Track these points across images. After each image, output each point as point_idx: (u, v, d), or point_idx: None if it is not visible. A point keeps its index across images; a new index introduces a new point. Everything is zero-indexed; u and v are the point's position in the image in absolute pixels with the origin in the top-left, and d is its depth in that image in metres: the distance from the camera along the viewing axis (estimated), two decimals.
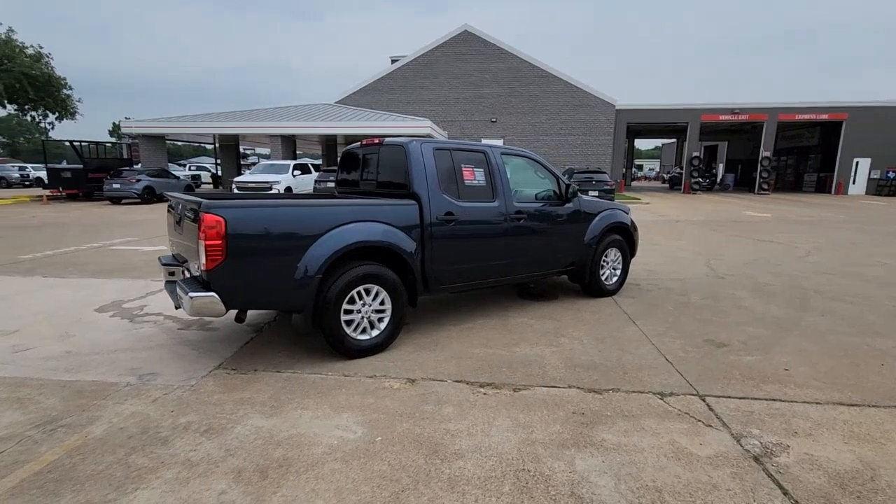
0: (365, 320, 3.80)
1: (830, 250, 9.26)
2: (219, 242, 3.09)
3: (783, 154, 35.34)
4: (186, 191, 20.87)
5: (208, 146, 34.14)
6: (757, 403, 3.11)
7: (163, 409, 2.97)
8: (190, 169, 35.54)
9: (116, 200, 18.85)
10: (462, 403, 3.09)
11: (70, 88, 20.38)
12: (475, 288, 4.70)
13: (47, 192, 19.89)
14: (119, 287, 5.98)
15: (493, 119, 29.21)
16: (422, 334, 4.40)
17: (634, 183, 51.64)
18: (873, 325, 4.70)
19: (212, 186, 31.29)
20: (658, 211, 18.21)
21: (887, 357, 3.90)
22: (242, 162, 33.90)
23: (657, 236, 11.24)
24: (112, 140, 26.31)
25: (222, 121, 23.24)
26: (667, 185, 41.00)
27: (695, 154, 29.75)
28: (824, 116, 29.11)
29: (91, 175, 19.54)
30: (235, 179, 18.01)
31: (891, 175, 29.11)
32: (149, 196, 18.72)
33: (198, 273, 3.33)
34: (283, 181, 17.63)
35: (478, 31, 28.72)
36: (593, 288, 5.60)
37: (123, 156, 23.82)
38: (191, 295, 3.12)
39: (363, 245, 3.64)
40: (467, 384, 3.38)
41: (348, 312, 3.70)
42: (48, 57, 19.75)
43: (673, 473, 2.38)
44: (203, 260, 3.10)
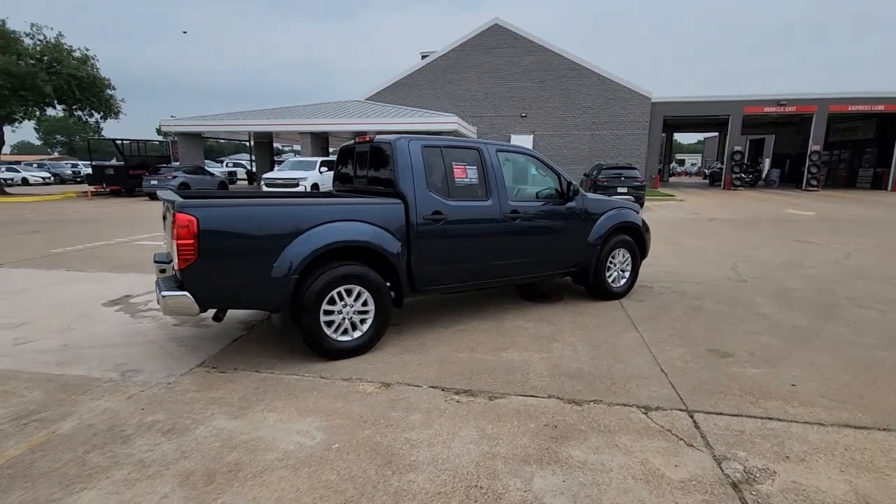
0: (347, 321, 3.74)
1: (875, 253, 8.60)
2: (191, 242, 3.09)
3: (836, 148, 33.26)
4: (220, 187, 21.53)
5: (247, 143, 35.15)
6: (750, 422, 2.87)
7: (134, 407, 3.00)
8: (227, 166, 36.71)
9: (154, 196, 19.62)
10: (431, 411, 2.99)
11: (113, 88, 21.36)
12: (468, 289, 4.58)
13: (91, 189, 20.94)
14: (132, 282, 6.17)
15: (524, 114, 28.74)
16: (411, 336, 4.31)
17: (673, 179, 49.85)
18: None
19: (247, 183, 32.20)
20: (692, 208, 17.47)
21: None
22: (278, 158, 34.70)
23: (684, 236, 10.76)
24: (160, 138, 27.38)
25: (255, 118, 23.80)
26: (707, 181, 39.39)
27: (736, 148, 28.37)
28: (880, 107, 27.12)
29: (132, 172, 20.42)
30: (264, 176, 18.41)
31: None
32: (183, 190, 19.37)
33: (174, 271, 3.35)
34: (310, 177, 17.87)
35: (508, 25, 28.28)
36: (599, 290, 5.36)
37: (168, 153, 24.85)
38: (163, 294, 3.14)
39: (342, 245, 3.58)
40: (442, 390, 3.27)
41: (329, 313, 3.65)
42: (94, 59, 20.74)
43: (637, 498, 2.20)
44: (175, 259, 3.11)
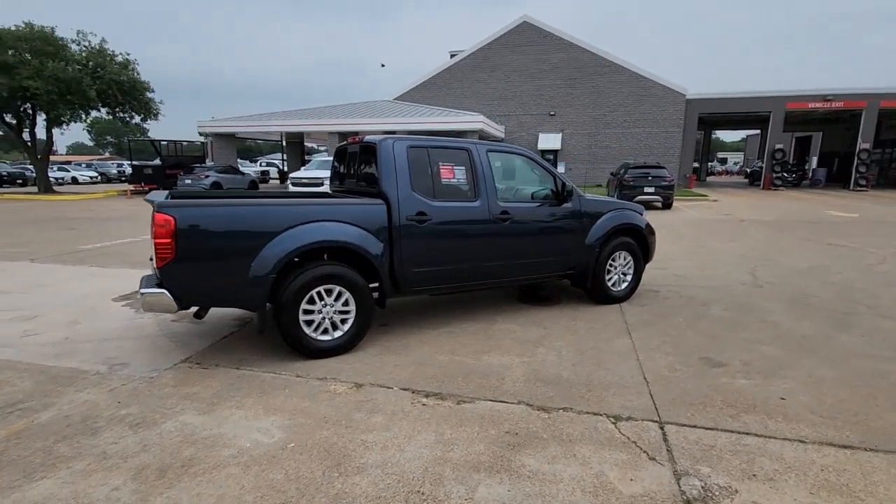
0: (327, 321, 3.77)
1: None
2: (168, 241, 3.18)
3: (888, 146, 31.30)
4: (251, 186, 22.17)
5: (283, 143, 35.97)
6: (724, 436, 2.73)
7: (112, 400, 3.11)
8: (261, 165, 37.78)
9: None
10: (395, 414, 2.97)
11: (152, 91, 22.31)
12: (456, 291, 4.54)
13: (131, 188, 21.96)
14: None
15: (552, 112, 28.33)
16: (396, 336, 4.31)
17: (712, 178, 48.06)
18: None
19: (279, 181, 33.02)
20: (724, 209, 16.80)
21: None
22: (308, 158, 35.42)
23: (709, 237, 10.35)
24: (201, 139, 28.40)
25: (285, 119, 24.39)
26: (747, 180, 37.77)
27: (778, 146, 27.10)
28: None
29: (168, 171, 21.28)
30: (291, 175, 18.83)
31: None
32: (215, 189, 20.06)
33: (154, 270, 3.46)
34: None
35: (537, 22, 27.93)
36: (597, 294, 5.22)
37: (205, 153, 25.78)
38: (141, 291, 3.25)
39: (319, 245, 3.61)
40: (412, 393, 3.25)
41: (309, 312, 3.68)
42: (134, 63, 21.73)
43: None
44: (154, 257, 3.21)
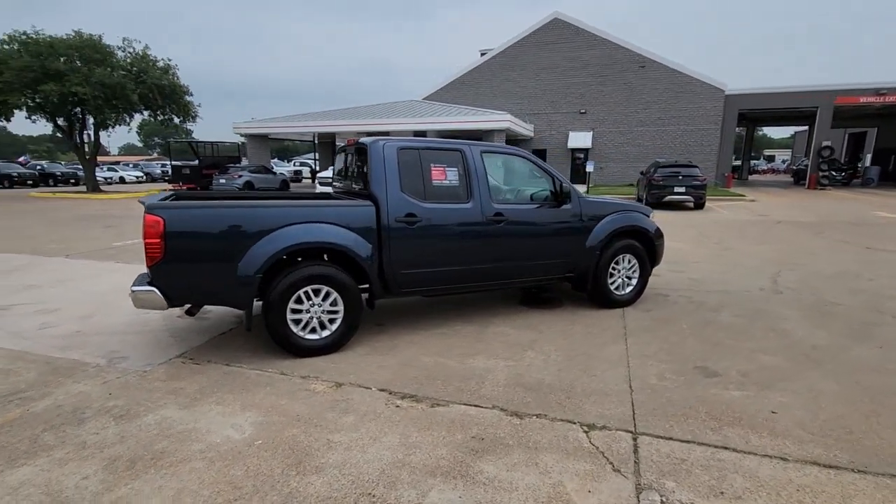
0: (315, 320, 3.83)
1: None
2: (157, 241, 3.31)
3: None
4: (282, 186, 22.79)
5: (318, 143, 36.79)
6: (700, 450, 2.61)
7: (103, 392, 3.27)
8: (294, 165, 38.74)
9: None
10: (366, 414, 2.99)
11: (191, 94, 23.27)
12: (448, 293, 4.53)
13: (170, 187, 22.93)
14: None
15: (583, 110, 27.80)
16: (388, 336, 4.34)
17: (756, 177, 46.06)
18: None
19: (311, 181, 33.76)
20: (761, 210, 16.06)
21: None
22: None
23: (737, 240, 9.93)
24: (241, 139, 29.36)
25: (315, 120, 24.92)
26: (792, 179, 35.95)
27: (825, 143, 25.68)
28: None
29: (205, 171, 22.12)
30: (318, 175, 19.24)
31: None
32: (248, 190, 20.71)
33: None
34: None
35: (568, 18, 27.46)
36: (599, 297, 5.09)
37: (240, 154, 26.68)
38: (133, 289, 3.40)
39: (304, 246, 3.67)
40: (389, 394, 3.27)
41: (297, 312, 3.75)
42: (175, 68, 22.68)
43: None
44: (145, 256, 3.35)
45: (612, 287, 5.12)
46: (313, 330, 3.85)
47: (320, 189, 17.11)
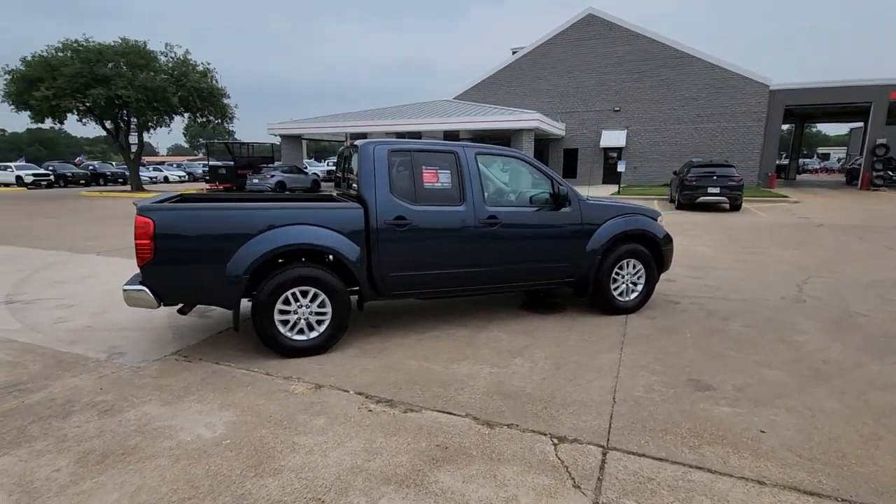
0: (303, 321, 3.88)
1: None
2: (147, 242, 3.43)
3: None
4: (313, 186, 23.26)
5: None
6: (671, 469, 2.48)
7: (96, 386, 3.41)
8: (327, 165, 39.53)
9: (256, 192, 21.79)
10: (337, 418, 3.00)
11: (228, 97, 24.09)
12: (440, 296, 4.48)
13: (208, 186, 23.83)
14: None
15: (617, 108, 27.10)
16: (380, 338, 4.34)
17: (805, 176, 43.67)
18: None
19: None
20: (803, 212, 15.22)
21: None
22: None
23: (770, 244, 9.44)
24: (276, 140, 30.23)
25: (346, 121, 25.31)
26: (845, 179, 33.88)
27: (880, 141, 24.08)
28: None
29: (240, 171, 22.84)
30: None
31: None
32: (280, 189, 21.26)
33: None
34: None
35: (602, 14, 26.83)
36: (601, 303, 4.93)
37: (273, 154, 27.43)
38: (124, 287, 3.53)
39: (292, 248, 3.71)
40: (365, 398, 3.27)
41: (285, 312, 3.81)
42: (213, 71, 23.55)
43: None
44: (136, 257, 3.47)
45: (616, 293, 4.95)
46: (301, 331, 3.89)
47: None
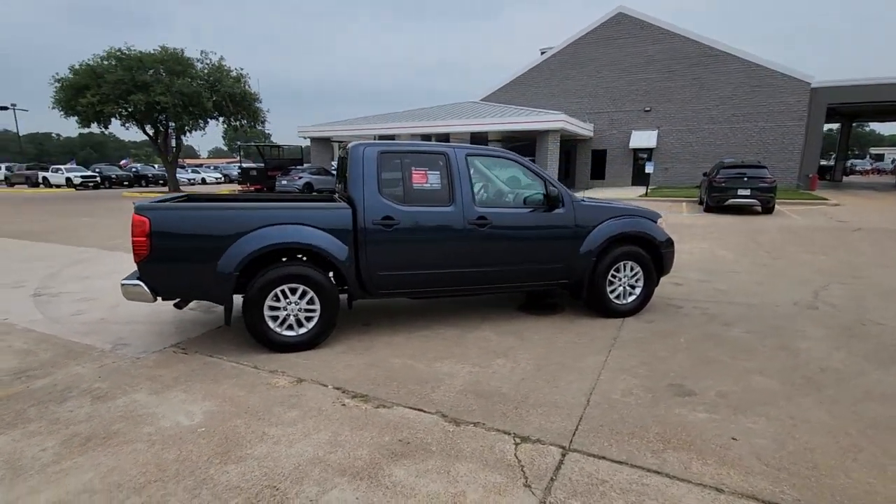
0: (292, 317, 4.00)
1: None
2: (143, 239, 3.63)
3: None
4: None
5: None
6: (627, 472, 2.46)
7: (95, 374, 3.62)
8: None
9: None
10: (310, 411, 3.10)
11: (260, 101, 24.90)
12: (429, 296, 4.53)
13: (240, 188, 24.65)
14: None
15: (647, 108, 26.47)
16: (370, 336, 4.43)
17: (853, 178, 41.54)
18: None
19: None
20: (842, 215, 14.50)
21: None
22: None
23: (798, 248, 9.05)
24: (306, 142, 31.03)
25: (375, 123, 25.69)
26: (894, 181, 32.04)
27: None
28: None
29: (270, 173, 23.51)
30: None
31: None
32: (308, 190, 21.77)
33: None
34: None
35: (633, 12, 26.27)
36: (596, 306, 4.87)
37: (302, 157, 28.13)
38: (122, 282, 3.74)
39: (279, 246, 3.84)
40: (343, 392, 3.35)
41: (275, 309, 3.95)
42: (246, 77, 24.38)
43: None
44: (133, 254, 3.68)
45: (613, 296, 4.88)
46: (290, 327, 4.02)
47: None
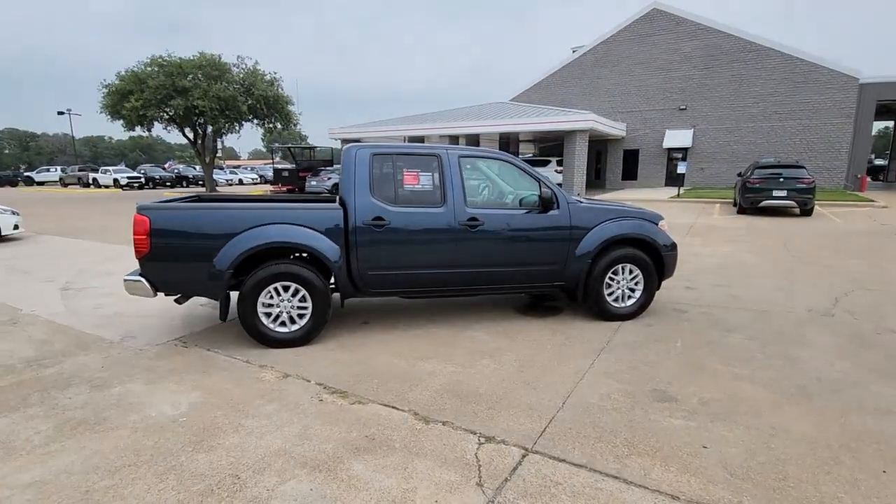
0: (285, 314, 4.14)
1: None
2: (143, 237, 3.83)
3: None
4: None
5: None
6: (584, 476, 2.43)
7: (99, 364, 3.85)
8: None
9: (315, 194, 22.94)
10: (287, 405, 3.20)
11: (293, 104, 25.61)
12: (421, 296, 4.58)
13: (272, 188, 25.41)
14: None
15: (683, 106, 25.66)
16: (364, 334, 4.52)
17: None
18: None
19: None
20: (886, 218, 13.67)
21: None
22: None
23: (831, 252, 8.61)
24: (337, 144, 31.73)
25: (404, 124, 25.96)
26: None
27: None
28: None
29: (301, 174, 24.11)
30: None
31: None
32: (336, 191, 22.23)
33: None
34: None
35: (668, 8, 25.52)
36: (593, 309, 4.80)
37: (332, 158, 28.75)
38: (124, 278, 3.96)
39: (271, 245, 3.97)
40: (323, 388, 3.45)
41: (268, 305, 4.09)
42: (279, 80, 25.13)
43: None
44: (134, 251, 3.89)
45: (611, 299, 4.80)
46: (283, 323, 4.15)
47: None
